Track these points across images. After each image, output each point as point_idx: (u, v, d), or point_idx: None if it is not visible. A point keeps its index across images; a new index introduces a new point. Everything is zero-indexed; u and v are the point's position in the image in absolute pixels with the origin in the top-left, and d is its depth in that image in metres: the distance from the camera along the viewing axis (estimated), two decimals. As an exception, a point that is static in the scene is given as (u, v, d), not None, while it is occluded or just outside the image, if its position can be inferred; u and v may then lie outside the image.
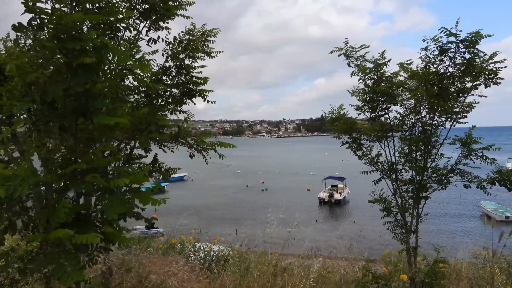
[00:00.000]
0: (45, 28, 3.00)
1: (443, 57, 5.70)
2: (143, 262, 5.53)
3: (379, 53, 6.14)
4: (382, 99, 6.21)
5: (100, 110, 3.12)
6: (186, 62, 5.31)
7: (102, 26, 3.44)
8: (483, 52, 5.44)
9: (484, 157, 5.75)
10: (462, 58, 5.57)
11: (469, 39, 5.32)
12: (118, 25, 4.31)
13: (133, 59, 4.44)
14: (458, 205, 36.53)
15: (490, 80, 5.66)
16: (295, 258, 8.03)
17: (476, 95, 5.89)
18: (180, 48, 5.26)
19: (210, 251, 8.04)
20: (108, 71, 3.59)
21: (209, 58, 5.46)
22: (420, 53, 5.93)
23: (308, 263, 6.89)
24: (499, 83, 5.65)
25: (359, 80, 6.34)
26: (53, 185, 3.23)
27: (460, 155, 6.02)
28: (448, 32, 5.35)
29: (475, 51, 5.42)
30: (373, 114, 6.53)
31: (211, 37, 5.38)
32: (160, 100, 5.22)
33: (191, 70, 5.31)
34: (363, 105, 6.57)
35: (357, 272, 6.75)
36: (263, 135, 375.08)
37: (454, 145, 6.09)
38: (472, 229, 28.69)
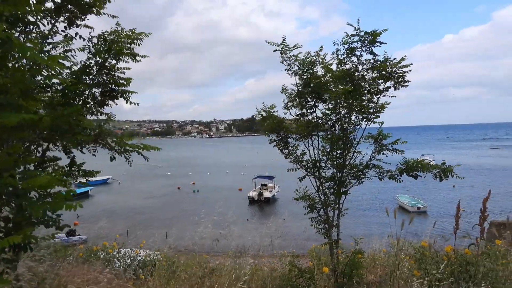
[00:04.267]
0: None
1: (351, 56, 6.18)
2: (59, 273, 5.13)
3: (315, 51, 6.43)
4: (312, 96, 6.50)
5: (4, 107, 2.82)
6: (110, 61, 5.01)
7: (10, 19, 3.14)
8: (381, 42, 6.02)
9: (394, 150, 6.34)
10: (367, 53, 6.10)
11: (370, 35, 5.88)
12: (30, 18, 3.99)
13: (47, 55, 4.11)
14: (376, 199, 39.45)
15: (399, 83, 6.24)
16: (224, 258, 8.04)
17: (388, 96, 6.44)
18: (105, 47, 4.94)
19: (136, 256, 7.73)
20: (16, 66, 3.28)
21: (134, 62, 5.22)
22: (333, 56, 6.36)
23: (237, 262, 6.93)
24: (407, 85, 6.27)
25: (292, 73, 6.51)
26: None
27: (374, 150, 6.52)
28: (354, 29, 5.88)
29: (377, 48, 6.02)
30: (301, 112, 6.77)
31: (138, 40, 5.15)
32: (78, 100, 4.87)
33: (114, 70, 5.03)
34: (292, 104, 6.80)
35: (285, 268, 6.94)
36: (194, 135, 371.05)
37: (368, 142, 6.57)
38: (389, 221, 31.11)
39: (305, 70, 6.37)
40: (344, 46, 6.17)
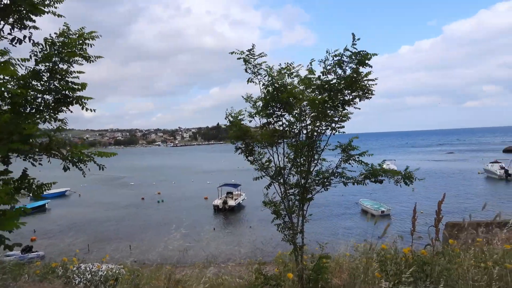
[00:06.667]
0: None
1: (336, 68, 6.29)
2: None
3: (285, 63, 6.47)
4: (279, 106, 6.54)
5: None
6: (61, 66, 4.79)
7: None
8: (369, 65, 6.13)
9: (360, 161, 6.51)
10: (351, 69, 6.21)
11: (361, 55, 5.98)
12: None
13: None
14: (340, 204, 40.35)
15: (364, 94, 6.44)
16: (190, 269, 7.90)
17: (353, 107, 6.62)
18: (54, 51, 4.72)
19: (97, 271, 7.42)
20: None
21: (88, 62, 5.02)
22: (320, 64, 6.42)
23: (204, 273, 6.84)
24: (371, 97, 6.48)
25: (262, 85, 6.52)
26: None
27: (341, 159, 6.66)
28: (348, 50, 5.94)
29: (360, 68, 6.14)
30: (267, 120, 6.80)
31: (89, 40, 4.95)
32: (29, 108, 4.61)
33: (67, 75, 4.82)
34: (257, 112, 6.80)
35: (252, 276, 6.92)
36: (158, 144, 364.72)
37: (335, 151, 6.71)
38: (353, 225, 31.91)
39: (274, 79, 6.38)
40: (334, 59, 6.21)
